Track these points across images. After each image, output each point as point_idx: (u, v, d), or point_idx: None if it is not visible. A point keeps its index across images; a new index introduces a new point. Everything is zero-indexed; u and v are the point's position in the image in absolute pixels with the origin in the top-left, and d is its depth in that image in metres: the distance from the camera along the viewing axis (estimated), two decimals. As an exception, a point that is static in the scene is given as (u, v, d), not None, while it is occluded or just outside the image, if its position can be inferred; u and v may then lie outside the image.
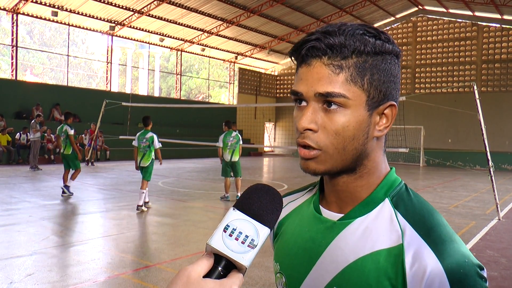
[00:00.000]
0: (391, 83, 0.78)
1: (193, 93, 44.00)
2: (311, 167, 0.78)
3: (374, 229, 0.77)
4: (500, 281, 4.81)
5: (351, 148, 0.76)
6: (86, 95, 21.16)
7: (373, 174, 0.81)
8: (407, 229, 0.74)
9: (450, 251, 0.70)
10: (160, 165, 9.49)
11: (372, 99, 0.76)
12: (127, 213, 7.93)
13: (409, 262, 0.71)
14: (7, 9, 18.20)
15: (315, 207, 0.88)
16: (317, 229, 0.84)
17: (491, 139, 11.46)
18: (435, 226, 0.74)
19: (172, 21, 21.78)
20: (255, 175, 15.77)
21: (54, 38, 40.82)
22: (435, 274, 0.68)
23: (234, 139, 9.42)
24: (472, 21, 23.60)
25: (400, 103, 15.72)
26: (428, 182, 15.19)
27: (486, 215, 8.80)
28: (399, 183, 0.82)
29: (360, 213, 0.80)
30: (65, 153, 9.70)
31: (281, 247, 0.91)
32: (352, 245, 0.78)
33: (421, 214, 0.76)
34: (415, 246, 0.72)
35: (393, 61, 0.77)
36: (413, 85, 25.30)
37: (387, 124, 0.79)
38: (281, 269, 0.90)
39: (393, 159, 24.13)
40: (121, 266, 4.96)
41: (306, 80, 0.76)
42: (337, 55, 0.74)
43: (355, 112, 0.75)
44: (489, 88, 23.09)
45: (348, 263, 0.77)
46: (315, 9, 22.86)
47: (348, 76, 0.74)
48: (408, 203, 0.79)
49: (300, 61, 0.78)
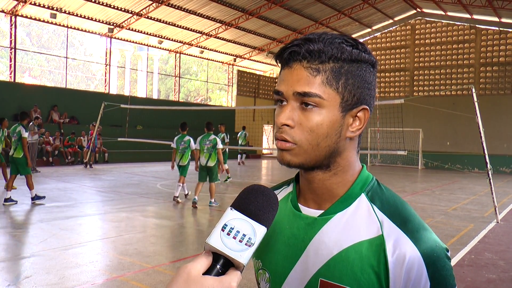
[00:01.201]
0: (365, 89, 0.84)
1: (192, 96, 43.98)
2: (286, 158, 0.84)
3: (354, 222, 0.84)
4: (498, 284, 4.81)
5: (324, 145, 0.83)
6: (85, 97, 21.12)
7: (347, 172, 0.88)
8: (384, 221, 0.82)
9: (424, 238, 0.79)
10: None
11: (346, 101, 0.83)
12: (126, 215, 7.91)
13: (390, 250, 0.78)
14: (5, 11, 18.17)
15: (294, 205, 0.93)
16: (298, 226, 0.90)
17: (489, 142, 11.48)
18: (408, 216, 0.82)
19: (171, 23, 21.78)
20: (254, 177, 15.77)
21: (52, 40, 40.77)
22: (413, 258, 0.76)
23: (211, 143, 8.88)
24: (470, 24, 23.65)
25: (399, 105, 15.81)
26: (426, 184, 15.20)
27: (485, 218, 8.80)
28: (372, 179, 0.90)
29: (340, 209, 0.86)
30: (14, 156, 8.64)
31: (263, 244, 0.93)
32: (334, 239, 0.84)
33: (395, 207, 0.84)
34: (394, 236, 0.79)
35: (368, 70, 0.85)
36: (412, 88, 25.33)
37: (359, 126, 0.86)
38: (263, 266, 0.95)
39: (392, 161, 24.16)
40: (119, 269, 4.94)
41: (287, 80, 0.83)
42: (315, 60, 0.81)
43: (329, 112, 0.82)
44: (487, 91, 23.13)
45: (333, 255, 0.83)
46: (313, 11, 22.89)
47: (324, 78, 0.81)
48: (382, 197, 0.86)
49: (283, 64, 0.85)
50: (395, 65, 26.00)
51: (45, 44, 40.16)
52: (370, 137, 22.91)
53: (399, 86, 25.82)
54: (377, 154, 23.88)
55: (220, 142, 8.98)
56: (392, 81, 26.07)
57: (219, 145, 8.93)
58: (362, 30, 26.42)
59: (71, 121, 19.81)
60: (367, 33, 26.77)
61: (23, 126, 8.73)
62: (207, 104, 32.35)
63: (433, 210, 9.55)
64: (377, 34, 26.66)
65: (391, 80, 26.08)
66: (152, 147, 19.73)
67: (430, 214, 8.98)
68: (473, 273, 5.17)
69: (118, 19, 20.72)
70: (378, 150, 20.85)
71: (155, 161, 20.81)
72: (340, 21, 24.43)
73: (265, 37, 25.49)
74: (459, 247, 6.34)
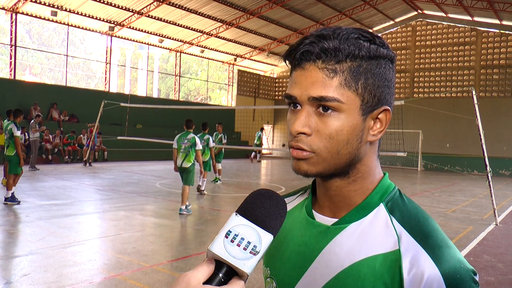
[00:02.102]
0: (385, 88, 0.78)
1: (192, 95, 43.96)
2: (303, 168, 0.77)
3: (370, 234, 0.77)
4: (497, 286, 4.80)
5: (345, 152, 0.76)
6: (85, 96, 21.12)
7: (366, 179, 0.81)
8: (403, 235, 0.75)
9: (446, 257, 0.71)
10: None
11: (366, 103, 0.76)
12: (125, 214, 7.90)
13: (407, 267, 0.71)
14: (6, 8, 18.16)
15: (308, 212, 0.87)
16: (310, 234, 0.84)
17: (489, 144, 11.47)
18: (431, 232, 0.75)
19: (172, 22, 21.77)
20: (253, 178, 15.75)
21: (53, 38, 40.73)
22: (432, 278, 0.69)
23: (189, 142, 8.17)
24: (471, 26, 23.66)
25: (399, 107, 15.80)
26: (426, 186, 15.19)
27: (484, 220, 8.80)
28: (393, 188, 0.83)
29: (355, 218, 0.80)
30: (7, 154, 8.53)
31: (272, 251, 0.90)
32: (347, 250, 0.77)
33: (416, 220, 0.77)
34: (412, 252, 0.72)
35: (387, 66, 0.78)
36: (412, 90, 25.34)
37: (381, 129, 0.79)
38: (271, 274, 0.89)
39: (391, 163, 24.15)
40: (117, 267, 4.93)
41: (300, 84, 0.76)
42: (331, 59, 0.74)
43: (349, 116, 0.74)
44: (487, 94, 23.13)
45: (343, 268, 0.77)
46: (314, 12, 22.89)
47: (342, 80, 0.74)
48: (403, 208, 0.79)
49: (294, 65, 0.77)
50: (396, 66, 25.90)
51: (46, 42, 40.14)
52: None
53: (399, 88, 25.82)
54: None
55: (213, 141, 8.43)
56: (392, 83, 26.05)
57: (199, 146, 8.25)
58: (363, 31, 26.39)
59: (71, 119, 19.80)
60: (368, 34, 26.74)
61: (15, 124, 8.51)
62: (207, 104, 32.34)
63: (432, 212, 9.54)
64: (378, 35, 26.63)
65: (392, 82, 26.06)
66: (152, 146, 19.73)
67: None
68: (471, 275, 5.16)
69: (119, 18, 20.71)
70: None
71: (154, 160, 20.80)
72: (341, 22, 24.40)
73: (266, 37, 25.49)
74: (458, 250, 6.33)
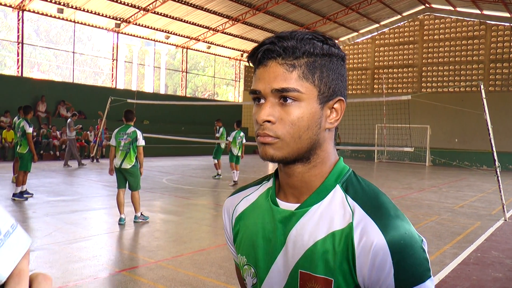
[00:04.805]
0: (339, 81, 0.88)
1: (199, 91, 44.01)
2: (269, 153, 0.85)
3: (329, 213, 0.86)
4: (505, 283, 4.74)
5: (306, 137, 0.85)
6: (92, 92, 21.20)
7: (325, 164, 0.90)
8: (356, 209, 0.83)
9: (393, 225, 0.79)
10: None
11: (323, 93, 0.85)
12: (131, 209, 7.90)
13: (357, 238, 0.80)
14: (13, 6, 18.25)
15: (272, 200, 0.94)
16: (276, 220, 0.91)
17: (498, 139, 11.35)
18: (381, 204, 0.83)
19: (178, 18, 21.75)
20: (259, 173, 15.74)
21: (60, 36, 40.92)
22: (379, 246, 0.77)
23: (129, 137, 6.66)
24: (480, 20, 23.36)
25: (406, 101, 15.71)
26: (433, 181, 15.08)
27: (492, 216, 8.71)
28: (347, 170, 0.91)
29: (315, 201, 0.88)
30: (19, 151, 8.50)
31: (245, 241, 0.98)
32: (310, 231, 0.86)
33: (368, 195, 0.85)
34: (362, 224, 0.80)
35: (339, 63, 0.88)
36: (420, 84, 25.12)
37: (337, 117, 0.88)
38: (248, 261, 0.97)
39: (399, 158, 24.01)
40: (122, 263, 4.95)
41: (263, 79, 0.85)
42: (290, 56, 0.83)
43: (308, 105, 0.84)
44: (496, 88, 22.87)
45: (309, 246, 0.85)
46: (321, 6, 22.74)
47: (300, 73, 0.83)
48: (357, 186, 0.88)
49: (257, 63, 0.87)
50: (403, 61, 25.77)
51: (53, 39, 40.35)
52: (377, 133, 22.76)
53: (406, 82, 25.62)
54: (384, 150, 23.73)
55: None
56: (400, 77, 25.87)
57: (140, 142, 6.76)
58: (370, 25, 26.22)
59: (78, 115, 19.88)
60: (375, 29, 26.56)
61: (27, 120, 8.50)
62: (214, 99, 32.35)
63: (440, 207, 9.47)
64: (385, 30, 26.42)
65: (399, 76, 25.87)
66: (159, 142, 19.75)
67: (437, 211, 8.90)
68: (479, 271, 5.11)
69: (125, 14, 20.73)
70: (385, 146, 20.70)
71: (161, 156, 20.86)
72: (348, 16, 24.25)
73: (272, 32, 25.35)
74: (466, 245, 6.27)
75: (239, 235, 1.01)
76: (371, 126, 20.59)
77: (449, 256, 5.68)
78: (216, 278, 4.52)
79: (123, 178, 6.82)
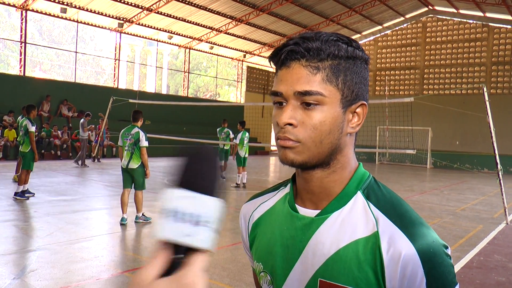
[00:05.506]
0: (362, 85, 0.85)
1: (201, 91, 43.99)
2: (289, 157, 0.84)
3: (350, 221, 0.84)
4: (508, 287, 4.73)
5: (327, 141, 0.83)
6: (94, 92, 21.21)
7: (345, 169, 0.88)
8: (380, 218, 0.81)
9: (420, 234, 0.78)
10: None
11: (346, 97, 0.83)
12: (133, 210, 7.90)
13: (385, 247, 0.78)
14: (16, 6, 18.28)
15: (291, 206, 0.92)
16: (295, 227, 0.89)
17: (500, 141, 11.31)
18: (404, 212, 0.82)
19: (181, 18, 21.76)
20: (262, 174, 15.73)
21: (63, 35, 40.94)
22: (409, 256, 0.76)
23: (133, 137, 6.90)
24: (482, 22, 23.34)
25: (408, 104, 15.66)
26: (435, 184, 15.06)
27: (494, 219, 8.69)
28: (368, 176, 0.90)
29: (336, 208, 0.86)
30: (22, 150, 8.48)
31: (262, 247, 0.96)
32: (331, 238, 0.84)
33: (391, 203, 0.84)
34: (389, 232, 0.79)
35: (363, 66, 0.86)
36: (422, 86, 25.09)
37: (358, 122, 0.87)
38: (264, 268, 0.95)
39: (400, 160, 23.99)
40: (124, 264, 4.94)
41: (285, 80, 0.82)
42: (314, 58, 0.81)
43: (331, 109, 0.82)
44: (498, 90, 22.84)
45: (330, 255, 0.83)
46: (324, 8, 22.74)
47: (324, 76, 0.81)
48: (379, 193, 0.86)
49: (280, 64, 0.85)
50: (405, 63, 25.76)
51: (56, 38, 40.38)
52: (379, 135, 22.73)
53: (409, 84, 25.60)
54: (385, 152, 23.70)
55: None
56: (402, 79, 25.85)
57: (143, 142, 6.93)
58: (373, 27, 26.22)
59: (80, 115, 19.89)
60: (378, 31, 26.55)
61: (30, 119, 8.47)
62: (216, 100, 32.35)
63: (442, 210, 9.45)
64: (388, 32, 26.42)
65: (401, 78, 25.85)
66: (160, 142, 19.74)
67: (438, 214, 8.88)
68: (482, 275, 5.09)
69: (128, 14, 20.75)
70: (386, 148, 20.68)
71: (163, 156, 20.86)
72: (351, 18, 24.24)
73: (276, 33, 25.38)
74: (468, 249, 6.26)
75: (256, 242, 0.99)
76: (373, 128, 20.58)
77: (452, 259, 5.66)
78: (220, 280, 4.51)
79: (129, 178, 6.95)
